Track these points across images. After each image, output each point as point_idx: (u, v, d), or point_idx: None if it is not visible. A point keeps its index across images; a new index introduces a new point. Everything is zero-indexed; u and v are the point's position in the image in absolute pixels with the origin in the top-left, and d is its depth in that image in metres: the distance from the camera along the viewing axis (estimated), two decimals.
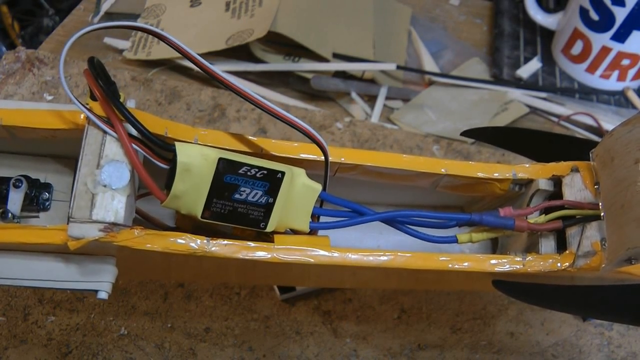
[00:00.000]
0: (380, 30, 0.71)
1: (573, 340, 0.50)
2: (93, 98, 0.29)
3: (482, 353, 0.49)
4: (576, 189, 0.35)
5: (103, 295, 0.31)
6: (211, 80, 0.57)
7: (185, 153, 0.29)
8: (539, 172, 0.36)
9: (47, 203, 0.33)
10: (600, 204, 0.33)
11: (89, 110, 0.29)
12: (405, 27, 0.74)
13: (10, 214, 0.31)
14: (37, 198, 0.33)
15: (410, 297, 0.51)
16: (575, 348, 0.49)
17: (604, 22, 0.63)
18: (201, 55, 0.30)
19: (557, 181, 0.36)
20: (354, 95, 0.65)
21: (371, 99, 0.66)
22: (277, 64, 0.65)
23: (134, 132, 0.29)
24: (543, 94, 0.68)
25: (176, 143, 0.29)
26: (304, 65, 0.65)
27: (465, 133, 0.42)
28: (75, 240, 0.27)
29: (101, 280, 0.31)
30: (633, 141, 0.31)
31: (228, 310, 0.49)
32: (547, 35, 0.73)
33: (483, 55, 0.72)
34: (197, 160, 0.29)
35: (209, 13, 0.69)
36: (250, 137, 0.33)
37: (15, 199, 0.32)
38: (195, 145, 0.30)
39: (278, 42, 0.65)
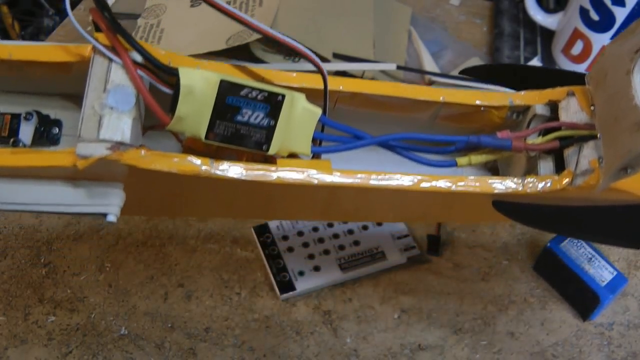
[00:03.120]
0: (380, 30, 0.71)
1: (573, 340, 0.50)
2: (98, 31, 0.30)
3: (482, 353, 0.49)
4: (572, 111, 0.36)
5: (112, 218, 0.31)
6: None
7: (188, 76, 0.30)
8: (535, 98, 0.37)
9: (57, 137, 0.34)
10: (596, 124, 0.34)
11: (95, 39, 0.30)
12: (405, 27, 0.74)
13: (21, 144, 0.32)
14: (48, 133, 0.33)
15: (410, 297, 0.51)
16: (575, 348, 0.49)
17: (604, 22, 0.63)
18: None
19: (553, 106, 0.37)
20: None
21: None
22: (277, 64, 0.65)
23: (138, 60, 0.30)
24: None
25: (179, 67, 0.30)
26: (304, 65, 0.65)
27: (464, 71, 0.42)
28: (83, 159, 0.28)
29: (109, 203, 0.31)
30: (624, 53, 0.32)
31: (228, 310, 0.49)
32: (547, 35, 0.72)
33: (483, 55, 0.72)
34: (199, 82, 0.30)
35: (209, 13, 0.69)
36: (251, 67, 0.34)
37: (26, 131, 0.33)
38: (198, 70, 0.31)
39: (278, 42, 0.65)
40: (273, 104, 0.31)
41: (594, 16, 0.64)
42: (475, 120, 0.38)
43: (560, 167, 0.36)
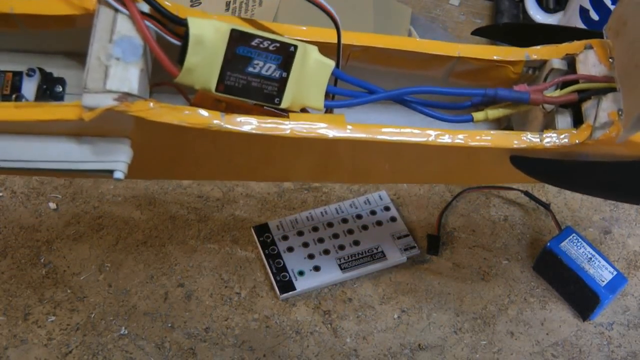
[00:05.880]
0: (380, 30, 0.71)
1: (573, 340, 0.50)
2: None
3: (482, 353, 0.49)
4: (590, 64, 0.35)
5: (119, 175, 0.30)
6: None
7: (197, 25, 0.29)
8: (552, 53, 0.36)
9: (60, 95, 0.33)
10: (615, 75, 0.33)
11: None
12: (405, 27, 0.74)
13: (24, 99, 0.31)
14: (51, 90, 0.32)
15: (410, 297, 0.51)
16: (575, 348, 0.49)
17: (604, 22, 0.63)
18: None
19: (570, 60, 0.36)
20: None
21: None
22: None
23: (145, 10, 0.29)
24: None
25: (188, 17, 0.29)
26: None
27: (478, 31, 0.41)
28: (89, 110, 0.27)
29: (116, 159, 0.30)
30: None
31: (228, 310, 0.49)
32: None
33: None
34: (209, 32, 0.29)
35: (209, 13, 0.69)
36: (261, 21, 0.33)
37: (29, 88, 0.31)
38: (208, 19, 0.30)
39: None
40: (285, 55, 0.30)
41: (594, 16, 0.64)
42: (490, 76, 0.37)
43: (577, 122, 0.35)
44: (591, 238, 0.56)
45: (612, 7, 0.61)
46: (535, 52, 0.36)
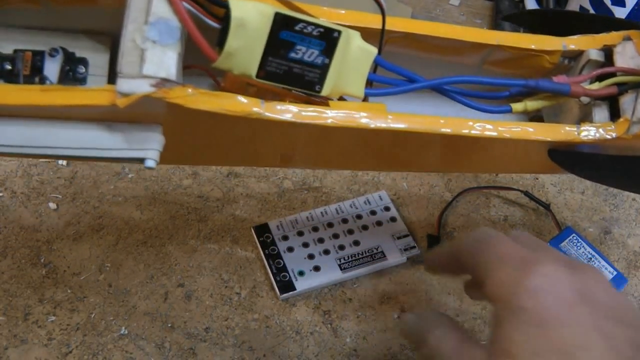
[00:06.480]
0: None
1: None
2: None
3: None
4: (628, 56, 0.34)
5: (151, 163, 0.29)
6: None
7: (239, 8, 0.27)
8: (589, 43, 0.36)
9: (84, 77, 0.31)
10: None
11: None
12: None
13: (48, 82, 0.30)
14: (74, 71, 0.31)
15: (410, 297, 0.51)
16: None
17: None
18: None
19: (608, 52, 0.35)
20: None
21: None
22: None
23: None
24: None
25: None
26: None
27: (509, 17, 0.41)
28: (124, 97, 0.26)
29: (148, 147, 0.29)
30: None
31: (228, 310, 0.49)
32: None
33: None
34: (252, 15, 0.28)
35: None
36: (298, 3, 0.32)
37: (52, 69, 0.30)
38: (249, 1, 0.28)
39: None
40: (329, 40, 0.29)
41: None
42: (524, 65, 0.37)
43: (614, 115, 0.35)
44: (591, 238, 0.56)
45: (611, 7, 0.61)
46: (573, 42, 0.36)
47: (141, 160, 0.29)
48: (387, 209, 0.55)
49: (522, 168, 0.48)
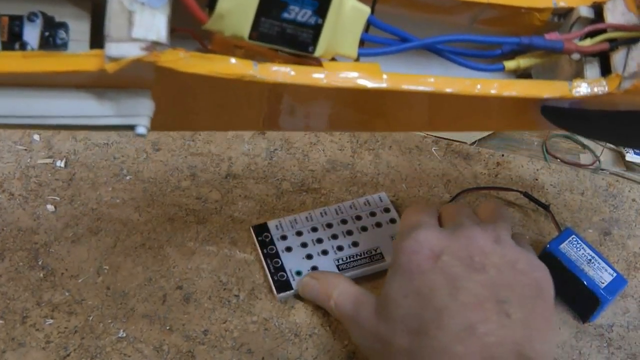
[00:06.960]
0: None
1: (573, 341, 0.50)
2: None
3: None
4: (619, 13, 0.35)
5: (142, 130, 0.28)
6: None
7: None
8: (579, 0, 0.36)
9: (65, 42, 0.29)
10: None
11: None
12: None
13: (29, 47, 0.28)
14: (54, 37, 0.29)
15: None
16: (574, 350, 0.49)
17: None
18: None
19: (598, 9, 0.35)
20: None
21: None
22: None
23: None
24: None
25: None
26: None
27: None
28: (113, 61, 0.25)
29: (138, 113, 0.28)
30: None
31: (227, 313, 0.49)
32: None
33: None
34: None
35: None
36: None
37: (32, 35, 0.28)
38: None
39: None
40: (322, 0, 0.29)
41: None
42: (514, 23, 0.37)
43: (605, 72, 0.35)
44: (591, 239, 0.56)
45: None
46: (563, 0, 0.36)
47: (132, 128, 0.28)
48: (386, 210, 0.55)
49: (513, 125, 0.48)
